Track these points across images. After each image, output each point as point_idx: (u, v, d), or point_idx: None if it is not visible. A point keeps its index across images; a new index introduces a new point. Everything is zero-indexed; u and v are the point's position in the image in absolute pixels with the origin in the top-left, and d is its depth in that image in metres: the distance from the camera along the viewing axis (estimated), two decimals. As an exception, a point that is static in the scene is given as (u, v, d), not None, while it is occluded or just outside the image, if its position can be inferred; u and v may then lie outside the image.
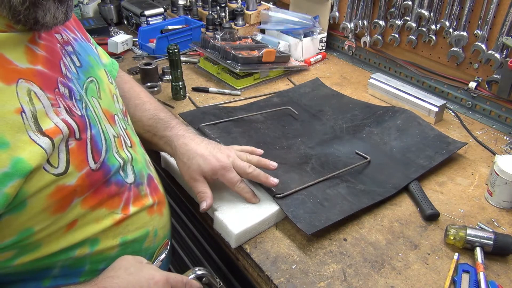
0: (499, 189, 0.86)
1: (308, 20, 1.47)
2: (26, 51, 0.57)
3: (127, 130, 0.76)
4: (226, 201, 0.84)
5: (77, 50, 0.69)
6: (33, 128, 0.53)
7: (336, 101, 1.23)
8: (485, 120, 1.18)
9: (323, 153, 1.00)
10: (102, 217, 0.65)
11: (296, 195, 0.84)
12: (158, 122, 0.88)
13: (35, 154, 0.52)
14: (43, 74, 0.58)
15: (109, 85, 0.75)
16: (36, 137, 0.53)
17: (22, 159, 0.51)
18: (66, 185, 0.57)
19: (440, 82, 1.27)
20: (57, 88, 0.59)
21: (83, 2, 1.80)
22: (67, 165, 0.57)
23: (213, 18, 1.58)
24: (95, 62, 0.73)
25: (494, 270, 0.75)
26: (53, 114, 0.57)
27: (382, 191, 0.89)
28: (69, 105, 0.60)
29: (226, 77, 1.33)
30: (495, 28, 1.08)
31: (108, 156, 0.65)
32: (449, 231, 0.78)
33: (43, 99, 0.56)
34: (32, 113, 0.54)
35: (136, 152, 0.76)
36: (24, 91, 0.54)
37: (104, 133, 0.66)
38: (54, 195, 0.56)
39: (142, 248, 0.74)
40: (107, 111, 0.71)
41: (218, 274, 1.03)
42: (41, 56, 0.59)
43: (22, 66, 0.55)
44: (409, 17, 1.26)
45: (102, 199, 0.64)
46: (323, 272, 0.74)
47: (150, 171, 0.79)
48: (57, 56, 0.63)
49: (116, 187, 0.67)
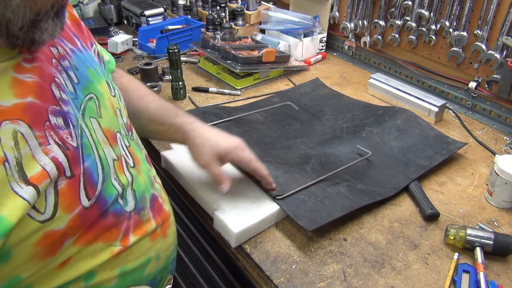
0: (499, 189, 0.86)
1: (308, 20, 1.47)
2: (12, 84, 0.49)
3: (130, 147, 0.70)
4: (226, 200, 0.84)
5: (74, 64, 0.62)
6: (17, 178, 0.48)
7: (336, 101, 1.23)
8: (485, 120, 1.18)
9: (323, 153, 1.00)
10: (99, 251, 0.59)
11: (297, 195, 0.84)
12: (165, 110, 0.85)
13: (17, 208, 0.47)
14: (34, 106, 0.51)
15: (111, 99, 0.68)
16: (19, 188, 0.48)
17: (2, 217, 0.46)
18: (55, 230, 0.52)
19: (440, 82, 1.27)
20: (48, 121, 0.53)
21: (83, 2, 1.80)
22: (55, 209, 0.52)
23: (213, 18, 1.58)
24: (95, 76, 0.66)
25: (494, 270, 0.75)
26: (41, 155, 0.51)
27: (382, 191, 0.89)
28: (63, 137, 0.54)
29: (226, 77, 1.33)
30: (495, 28, 1.08)
31: (105, 186, 0.59)
32: (449, 231, 0.78)
33: (30, 139, 0.50)
34: (16, 160, 0.48)
35: (140, 171, 0.70)
36: (8, 134, 0.48)
37: (102, 160, 0.60)
38: (42, 242, 0.51)
39: (143, 276, 0.68)
40: (108, 130, 0.64)
41: (218, 274, 1.03)
42: (31, 84, 0.52)
43: (8, 103, 0.48)
44: (409, 17, 1.26)
45: (98, 233, 0.58)
46: (323, 272, 0.74)
47: (154, 189, 0.73)
48: (50, 78, 0.56)
49: (114, 218, 0.61)
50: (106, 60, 0.86)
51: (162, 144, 1.05)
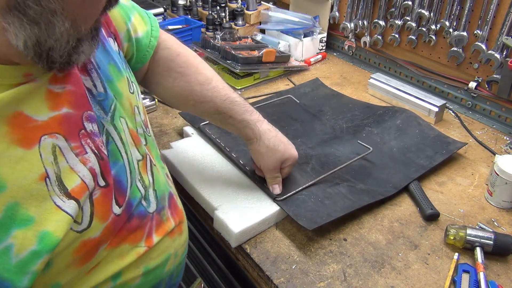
0: (499, 189, 0.86)
1: (308, 20, 1.47)
2: (47, 97, 0.48)
3: (148, 145, 0.69)
4: (227, 200, 0.84)
5: (97, 62, 0.59)
6: (58, 192, 0.48)
7: (336, 101, 1.23)
8: (485, 120, 1.18)
9: (323, 153, 1.00)
10: (126, 252, 0.60)
11: (297, 195, 0.84)
12: (234, 104, 0.81)
13: (62, 223, 0.48)
14: (69, 117, 0.50)
15: (129, 97, 0.65)
16: (61, 202, 0.48)
17: (48, 232, 0.47)
18: (92, 238, 0.53)
19: (440, 82, 1.27)
20: (83, 129, 0.52)
21: (83, 2, 1.80)
22: (90, 219, 0.52)
23: (213, 18, 1.58)
24: (115, 72, 0.63)
25: (494, 270, 0.75)
26: (79, 165, 0.50)
27: (382, 191, 0.89)
28: (98, 145, 0.54)
29: (226, 77, 1.33)
30: (495, 28, 1.08)
31: (132, 191, 0.60)
32: (449, 231, 0.78)
33: (67, 152, 0.49)
34: (56, 175, 0.48)
35: (158, 170, 0.69)
36: (48, 150, 0.47)
37: (130, 164, 0.60)
38: (79, 250, 0.52)
39: (163, 272, 0.70)
40: (132, 130, 0.63)
41: (218, 274, 1.03)
42: (65, 94, 0.51)
43: (44, 118, 0.48)
44: (409, 17, 1.26)
45: (124, 236, 0.59)
46: (323, 272, 0.74)
47: (170, 187, 0.73)
48: (80, 83, 0.54)
49: (138, 220, 0.61)
50: (145, 32, 0.75)
51: (162, 144, 1.05)
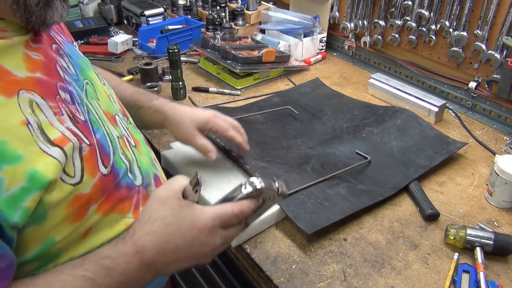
0: (499, 189, 0.86)
1: (308, 20, 1.47)
2: (24, 58, 0.54)
3: (129, 129, 0.75)
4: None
5: (68, 53, 0.67)
6: (42, 139, 0.52)
7: (336, 101, 1.23)
8: (485, 120, 1.18)
9: (323, 153, 1.00)
10: (115, 222, 0.64)
11: (297, 195, 0.84)
12: (142, 95, 0.89)
13: (50, 166, 0.51)
14: (43, 81, 0.56)
15: (103, 87, 0.73)
16: (46, 147, 0.52)
17: (37, 171, 0.50)
18: (83, 193, 0.57)
19: (440, 82, 1.27)
20: (58, 95, 0.57)
21: (83, 2, 1.80)
22: (82, 173, 0.56)
23: (213, 18, 1.58)
24: (85, 65, 0.71)
25: (494, 270, 0.75)
26: (57, 123, 0.55)
27: (382, 191, 0.89)
28: (72, 111, 0.59)
29: (226, 77, 1.33)
30: (495, 28, 1.08)
31: (115, 158, 0.64)
32: (449, 231, 0.78)
33: (45, 109, 0.54)
34: (37, 124, 0.52)
35: (141, 152, 0.74)
36: (26, 102, 0.52)
37: (109, 135, 0.65)
38: (73, 204, 0.56)
39: None
40: (107, 112, 0.69)
41: (218, 274, 1.03)
42: (39, 62, 0.57)
43: (22, 75, 0.53)
44: (409, 17, 1.26)
45: (114, 203, 0.63)
46: (323, 272, 0.74)
47: (156, 170, 0.77)
48: (53, 60, 0.60)
49: (126, 190, 0.66)
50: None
51: (162, 144, 1.05)
